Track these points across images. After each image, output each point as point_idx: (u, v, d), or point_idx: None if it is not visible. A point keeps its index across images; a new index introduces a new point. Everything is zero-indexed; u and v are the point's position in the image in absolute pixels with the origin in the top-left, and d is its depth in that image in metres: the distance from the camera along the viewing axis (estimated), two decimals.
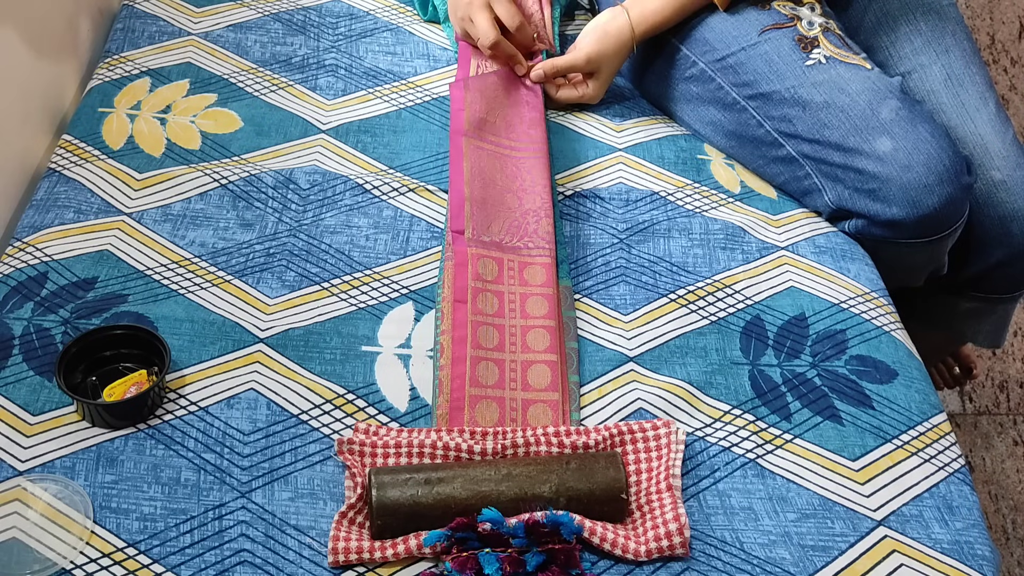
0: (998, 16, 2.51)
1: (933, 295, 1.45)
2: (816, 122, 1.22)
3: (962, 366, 1.73)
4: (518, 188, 1.21)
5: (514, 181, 1.22)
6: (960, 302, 1.44)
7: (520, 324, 1.06)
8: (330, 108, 1.33)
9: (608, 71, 1.34)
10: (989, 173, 1.30)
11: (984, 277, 1.38)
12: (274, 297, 1.09)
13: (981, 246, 1.33)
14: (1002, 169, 1.30)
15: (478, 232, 1.14)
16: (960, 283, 1.40)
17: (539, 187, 1.20)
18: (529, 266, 1.12)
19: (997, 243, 1.32)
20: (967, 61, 1.34)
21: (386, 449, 0.95)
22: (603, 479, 0.91)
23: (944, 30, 1.35)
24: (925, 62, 1.34)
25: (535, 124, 1.30)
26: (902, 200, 1.17)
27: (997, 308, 1.45)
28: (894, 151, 1.18)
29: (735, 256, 1.20)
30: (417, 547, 0.88)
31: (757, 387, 1.06)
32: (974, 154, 1.30)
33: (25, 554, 0.86)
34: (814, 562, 0.92)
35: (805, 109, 1.23)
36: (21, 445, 0.94)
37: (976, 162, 1.29)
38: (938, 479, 1.00)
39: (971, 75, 1.33)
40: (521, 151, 1.26)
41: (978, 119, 1.31)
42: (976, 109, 1.32)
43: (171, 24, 1.43)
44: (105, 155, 1.22)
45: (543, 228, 1.16)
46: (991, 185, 1.30)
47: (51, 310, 1.05)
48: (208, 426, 0.97)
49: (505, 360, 1.03)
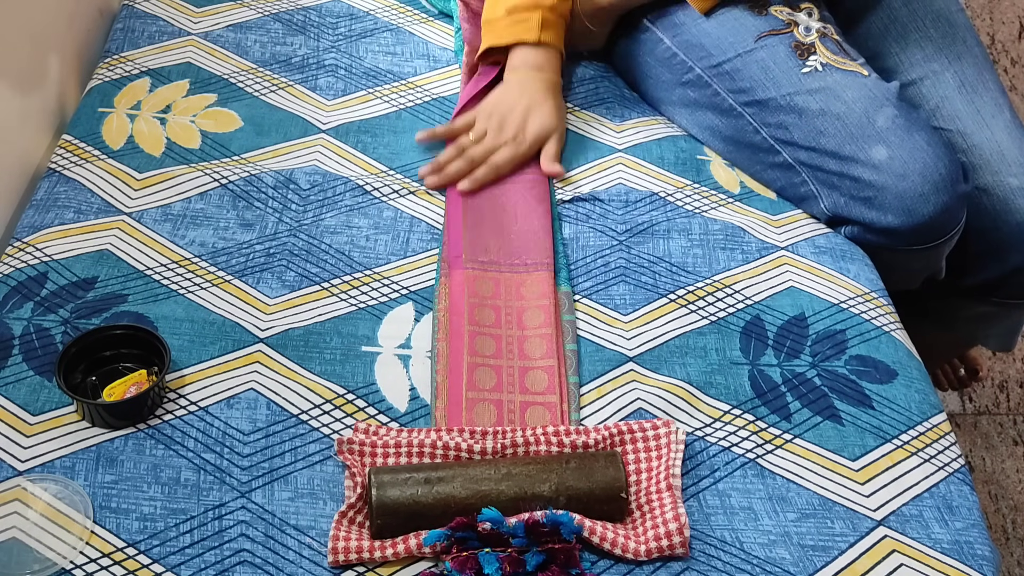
0: (998, 16, 2.51)
1: (946, 297, 1.43)
2: (812, 130, 1.22)
3: (968, 368, 1.72)
4: (516, 209, 1.20)
5: (514, 203, 1.21)
6: (974, 306, 1.43)
7: (517, 334, 1.07)
8: (330, 108, 1.33)
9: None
10: (1006, 180, 1.28)
11: (1000, 282, 1.37)
12: (274, 297, 1.09)
13: (998, 252, 1.32)
14: (1019, 175, 1.28)
15: (475, 254, 1.14)
16: (975, 287, 1.39)
17: (539, 208, 1.20)
18: (527, 282, 1.12)
19: (1014, 249, 1.31)
20: (979, 68, 1.33)
21: (386, 449, 0.95)
22: (603, 478, 0.91)
23: (955, 36, 1.34)
24: (937, 68, 1.32)
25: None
26: (897, 208, 1.17)
27: (1012, 313, 1.44)
28: (890, 159, 1.17)
29: (735, 256, 1.20)
30: (417, 547, 0.88)
31: (757, 387, 1.06)
32: (991, 160, 1.29)
33: (25, 554, 0.86)
34: (814, 562, 0.92)
35: (801, 116, 1.23)
36: (21, 445, 0.94)
37: (993, 168, 1.28)
38: (938, 479, 1.00)
39: (984, 81, 1.32)
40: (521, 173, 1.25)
41: (994, 125, 1.30)
42: (992, 115, 1.30)
43: (171, 24, 1.43)
44: (105, 155, 1.22)
45: (542, 245, 1.15)
46: (1008, 191, 1.28)
47: (51, 310, 1.05)
48: (208, 426, 0.97)
49: (503, 366, 1.03)
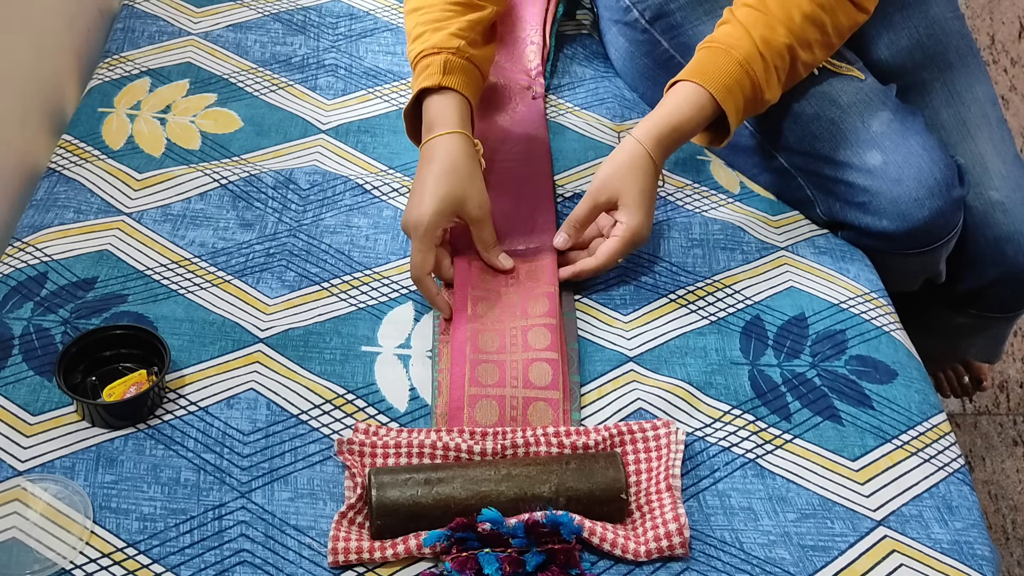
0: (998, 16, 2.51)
1: (930, 307, 1.43)
2: (807, 134, 1.22)
3: (972, 376, 1.71)
4: (517, 193, 1.20)
5: (515, 187, 1.21)
6: (955, 316, 1.42)
7: (521, 324, 1.06)
8: (330, 108, 1.33)
9: (632, 194, 1.09)
10: (987, 193, 1.27)
11: (978, 295, 1.36)
12: (274, 297, 1.09)
13: (976, 265, 1.31)
14: (1000, 189, 1.27)
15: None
16: (955, 298, 1.38)
17: (541, 190, 1.20)
18: (531, 267, 1.11)
19: (992, 263, 1.30)
20: (970, 78, 1.31)
21: (386, 449, 0.95)
22: (603, 479, 0.91)
23: (947, 45, 1.31)
24: (926, 78, 1.31)
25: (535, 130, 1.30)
26: (892, 213, 1.17)
27: (992, 325, 1.43)
28: (884, 164, 1.17)
29: (735, 256, 1.20)
30: (417, 547, 0.88)
31: (757, 387, 1.06)
32: (972, 172, 1.27)
33: (25, 554, 0.86)
34: (814, 562, 0.92)
35: (796, 121, 1.23)
36: (21, 445, 0.94)
37: (975, 180, 1.27)
38: (938, 479, 1.00)
39: (973, 92, 1.30)
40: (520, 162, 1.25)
41: (978, 137, 1.28)
42: (977, 127, 1.29)
43: (171, 24, 1.43)
44: (105, 155, 1.22)
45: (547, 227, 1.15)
46: (989, 205, 1.27)
47: (51, 310, 1.05)
48: (208, 426, 0.97)
49: (506, 361, 1.03)
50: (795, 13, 1.12)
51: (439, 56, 1.11)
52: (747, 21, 1.12)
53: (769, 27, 1.12)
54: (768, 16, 1.12)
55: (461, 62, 1.12)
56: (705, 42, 1.15)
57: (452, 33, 1.12)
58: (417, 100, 1.13)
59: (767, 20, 1.12)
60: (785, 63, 1.13)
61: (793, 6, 1.12)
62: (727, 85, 1.11)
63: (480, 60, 1.15)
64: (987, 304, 1.37)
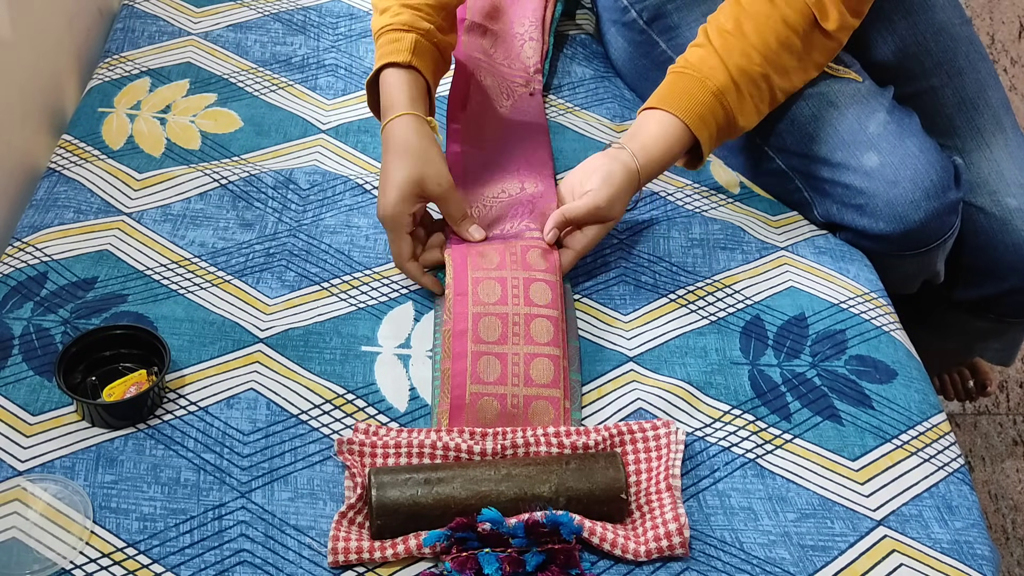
0: (998, 16, 2.51)
1: (945, 309, 1.43)
2: (804, 136, 1.22)
3: (978, 381, 1.71)
4: (518, 172, 1.20)
5: (516, 167, 1.21)
6: (971, 320, 1.42)
7: (524, 312, 1.05)
8: (330, 108, 1.33)
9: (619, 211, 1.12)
10: (1004, 200, 1.27)
11: (997, 301, 1.36)
12: (274, 297, 1.09)
13: (995, 271, 1.31)
14: (1018, 196, 1.27)
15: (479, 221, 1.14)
16: (972, 302, 1.38)
17: (542, 173, 1.20)
18: (532, 249, 1.11)
19: (1011, 270, 1.30)
20: (981, 84, 1.30)
21: (386, 449, 0.95)
22: (603, 479, 0.91)
23: (956, 51, 1.30)
24: (936, 84, 1.30)
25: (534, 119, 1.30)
26: (888, 215, 1.17)
27: (1009, 330, 1.43)
28: (881, 166, 1.17)
29: (735, 256, 1.20)
30: (417, 547, 0.88)
31: (757, 387, 1.06)
32: (989, 180, 1.27)
33: (25, 554, 0.86)
34: (814, 562, 0.92)
35: (793, 123, 1.23)
36: (21, 445, 0.94)
37: (991, 188, 1.27)
38: (938, 479, 1.00)
39: (985, 98, 1.30)
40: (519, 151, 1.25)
41: (993, 144, 1.28)
42: (991, 134, 1.29)
43: (171, 24, 1.43)
44: (105, 155, 1.22)
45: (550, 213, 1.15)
46: (1007, 212, 1.27)
47: (51, 310, 1.05)
48: (208, 426, 0.97)
49: (507, 354, 1.03)
50: (771, 39, 1.13)
51: (410, 34, 1.12)
52: (723, 49, 1.13)
53: (745, 55, 1.12)
54: (743, 42, 1.12)
55: (429, 46, 1.13)
56: (679, 65, 1.15)
57: (422, 15, 1.13)
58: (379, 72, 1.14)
59: (742, 47, 1.12)
60: (761, 92, 1.14)
61: (769, 32, 1.13)
62: (701, 115, 1.12)
63: (444, 47, 1.16)
64: (1005, 309, 1.37)
